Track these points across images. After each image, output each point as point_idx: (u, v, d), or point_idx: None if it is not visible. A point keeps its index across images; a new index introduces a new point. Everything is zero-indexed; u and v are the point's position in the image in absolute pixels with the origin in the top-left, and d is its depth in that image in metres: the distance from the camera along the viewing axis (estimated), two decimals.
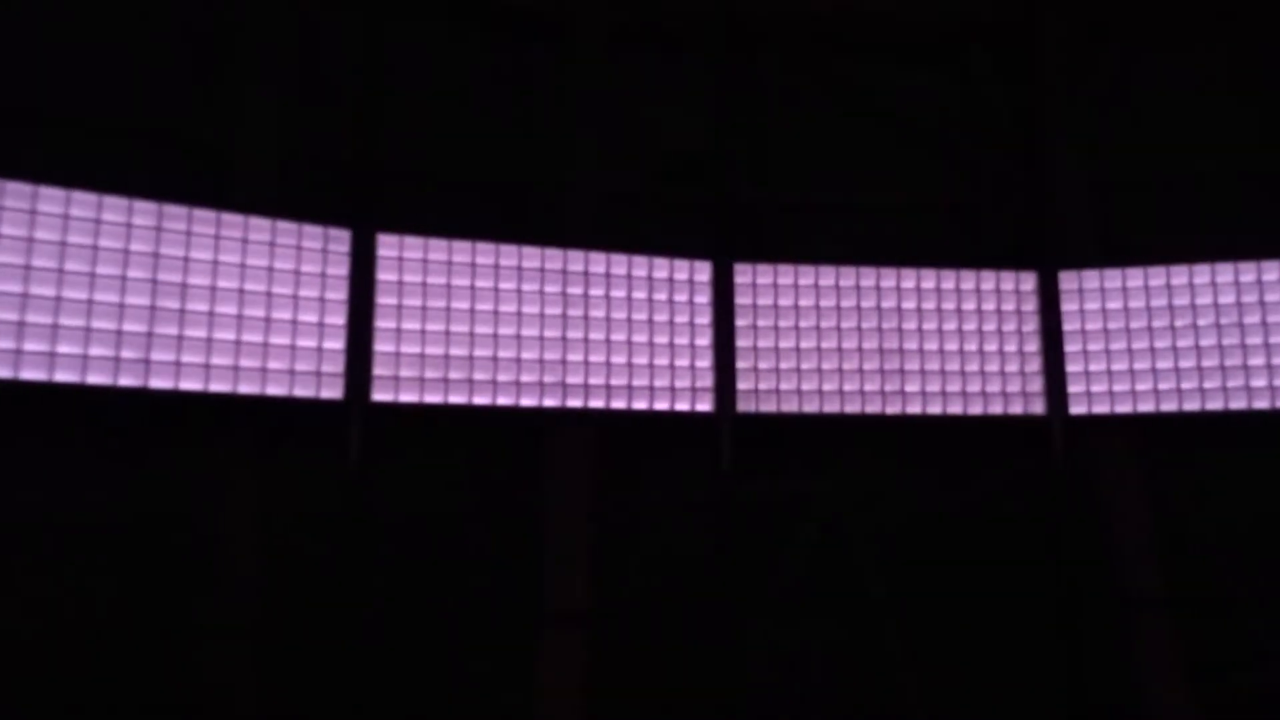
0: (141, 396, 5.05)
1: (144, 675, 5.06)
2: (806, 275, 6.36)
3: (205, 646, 5.19)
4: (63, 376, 4.89)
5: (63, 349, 4.91)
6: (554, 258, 5.98)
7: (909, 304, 6.42)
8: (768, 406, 6.21)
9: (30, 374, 4.83)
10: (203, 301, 5.22)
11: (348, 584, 5.41)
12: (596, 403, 5.97)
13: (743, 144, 6.60)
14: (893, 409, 6.31)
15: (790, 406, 6.23)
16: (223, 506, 5.36)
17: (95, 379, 4.95)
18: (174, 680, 5.09)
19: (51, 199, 4.95)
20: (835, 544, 6.26)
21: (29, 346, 4.84)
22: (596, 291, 6.05)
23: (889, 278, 6.42)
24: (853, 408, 6.28)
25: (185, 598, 5.15)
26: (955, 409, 6.38)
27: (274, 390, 5.35)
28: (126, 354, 5.04)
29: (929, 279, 6.45)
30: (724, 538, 6.09)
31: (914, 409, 6.34)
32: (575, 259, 6.02)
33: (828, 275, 6.39)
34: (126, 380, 5.03)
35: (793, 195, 6.57)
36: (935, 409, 6.36)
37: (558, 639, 5.84)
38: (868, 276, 6.40)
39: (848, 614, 6.20)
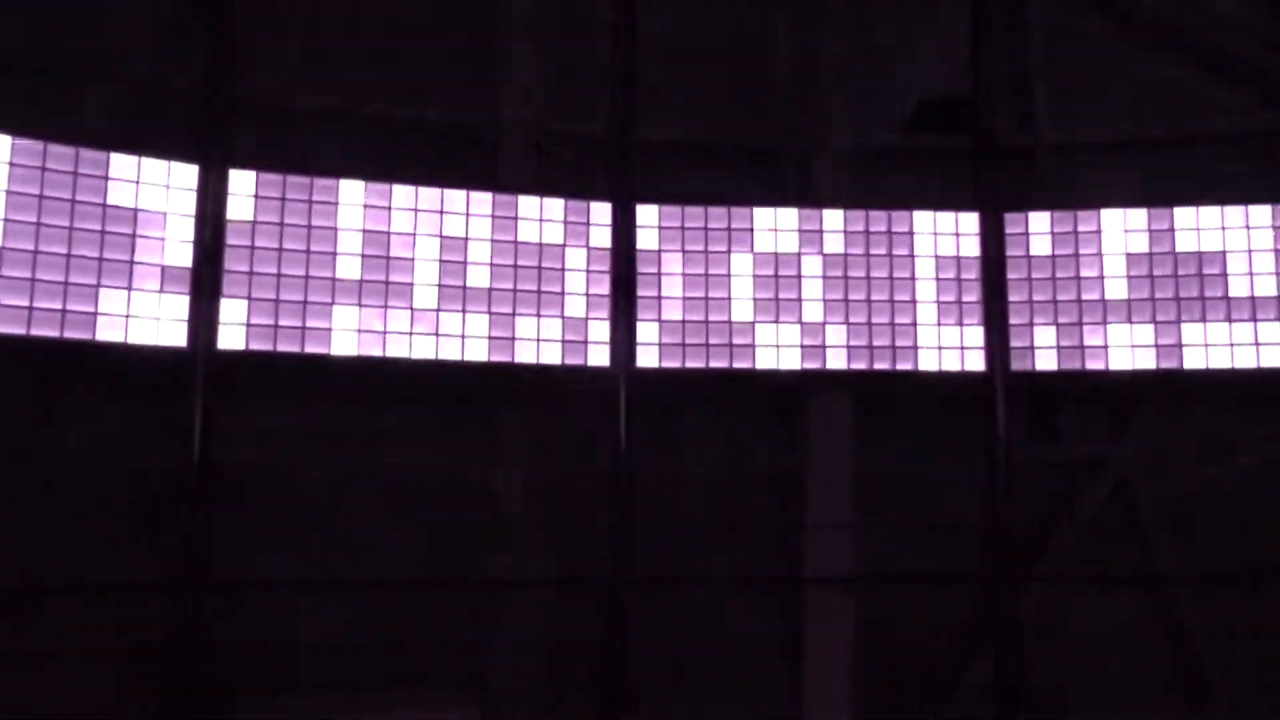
0: (438, 367, 5.55)
1: (444, 623, 5.60)
2: (1087, 221, 5.90)
3: (503, 598, 5.68)
4: (360, 350, 5.44)
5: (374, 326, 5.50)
6: (810, 218, 5.92)
7: (1211, 246, 5.79)
8: (1045, 365, 5.84)
9: (340, 349, 5.44)
10: (484, 278, 5.65)
11: (617, 544, 5.68)
12: (859, 364, 5.87)
13: (1005, 84, 6.19)
14: (1193, 363, 5.73)
15: (1072, 364, 5.82)
16: (512, 470, 5.81)
17: (392, 352, 5.51)
18: (472, 630, 5.61)
19: (351, 189, 5.53)
20: (1122, 512, 5.81)
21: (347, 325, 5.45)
22: (856, 250, 5.94)
23: (1186, 218, 5.81)
24: (1145, 363, 5.77)
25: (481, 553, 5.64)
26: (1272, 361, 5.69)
27: (548, 359, 5.70)
28: (419, 329, 5.56)
29: (1235, 216, 5.78)
30: (997, 506, 5.81)
31: (1221, 362, 5.72)
32: (833, 218, 5.93)
33: (1113, 219, 5.88)
34: (420, 354, 5.56)
35: (1065, 135, 6.10)
36: (1248, 362, 5.71)
37: (824, 603, 5.85)
38: (1160, 219, 5.84)
39: (1136, 587, 5.75)
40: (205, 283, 5.23)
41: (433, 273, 5.56)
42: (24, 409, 5.05)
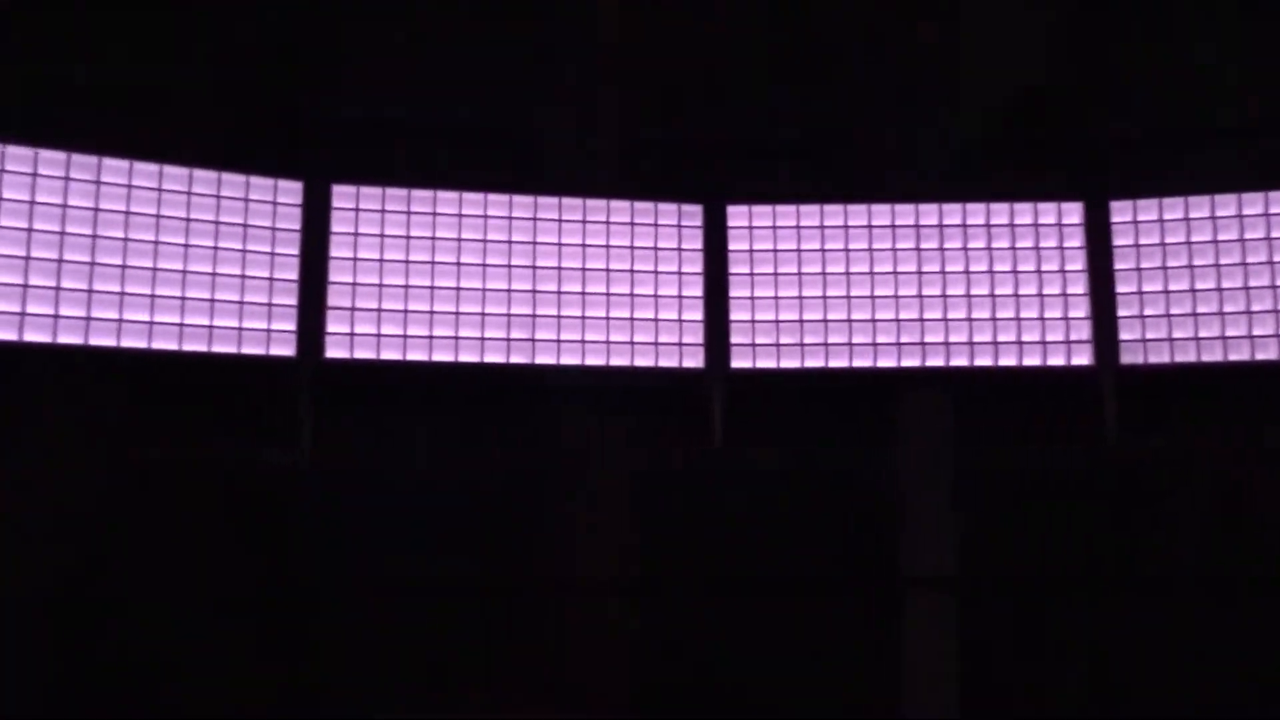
0: (533, 370, 5.64)
1: (528, 625, 5.67)
2: (1199, 206, 5.65)
3: (589, 600, 5.72)
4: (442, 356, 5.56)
5: (465, 332, 5.63)
6: (905, 213, 5.82)
7: None
8: (1157, 357, 5.61)
9: (415, 355, 5.58)
10: (573, 282, 5.72)
11: (710, 542, 5.65)
12: (959, 360, 5.74)
13: (1101, 72, 5.96)
14: None
15: (1186, 356, 5.58)
16: (595, 470, 5.83)
17: (491, 358, 5.62)
18: (560, 632, 5.66)
19: (422, 200, 5.65)
20: (1230, 512, 5.54)
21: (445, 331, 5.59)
22: (953, 244, 5.81)
23: None
24: (1267, 354, 5.50)
25: (566, 555, 5.69)
26: None
27: (640, 361, 5.73)
28: (516, 334, 5.66)
29: None
30: (1104, 504, 5.59)
31: None
32: (928, 212, 5.82)
33: (1226, 206, 5.63)
34: (516, 357, 5.65)
35: (1170, 121, 5.84)
36: None
37: (925, 605, 5.73)
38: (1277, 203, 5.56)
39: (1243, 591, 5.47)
40: (311, 294, 5.43)
41: (527, 278, 5.66)
42: (141, 418, 5.30)
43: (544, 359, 5.62)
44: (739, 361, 5.75)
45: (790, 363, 5.77)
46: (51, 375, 5.14)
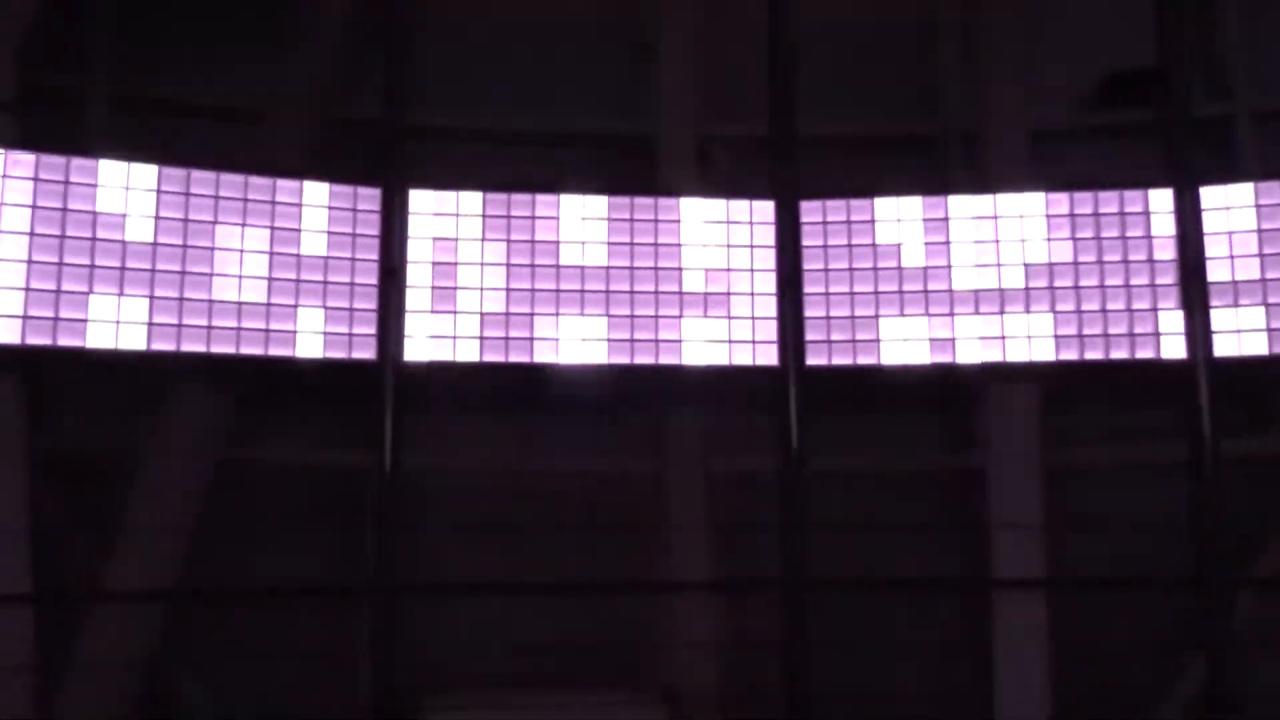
0: (608, 371, 5.65)
1: (623, 625, 5.70)
2: None
3: (678, 600, 5.73)
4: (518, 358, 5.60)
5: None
6: (983, 204, 5.68)
7: None
8: (1254, 349, 5.36)
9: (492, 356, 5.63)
10: (645, 282, 5.73)
11: (790, 546, 5.61)
12: (1043, 354, 5.58)
13: (1196, 51, 5.73)
14: None
15: None
16: (683, 472, 5.86)
17: (566, 359, 5.67)
18: (650, 632, 5.68)
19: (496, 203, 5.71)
20: None
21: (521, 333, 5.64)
22: (1034, 234, 5.65)
23: None
24: None
25: (646, 555, 5.71)
26: None
27: (715, 360, 5.72)
28: (590, 334, 5.70)
29: None
30: (1204, 503, 5.37)
31: None
32: (1007, 202, 5.67)
33: None
34: (590, 358, 5.68)
35: (1265, 103, 5.58)
36: None
37: (1015, 607, 5.59)
38: None
39: None
40: (392, 297, 5.55)
41: (600, 279, 5.69)
42: (230, 423, 5.51)
43: (617, 359, 5.65)
44: (815, 359, 5.69)
45: (867, 359, 5.69)
46: (172, 382, 5.37)
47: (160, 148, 5.37)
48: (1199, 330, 5.40)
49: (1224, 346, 5.38)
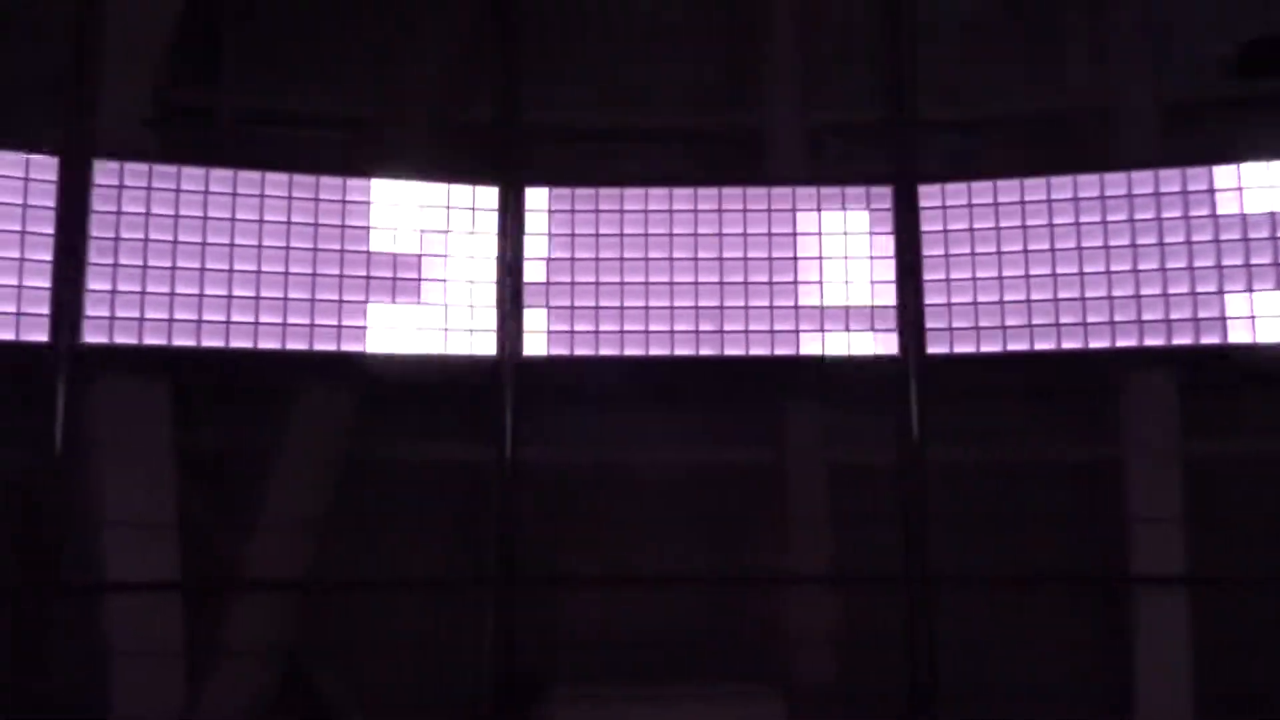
0: (724, 362, 5.64)
1: (742, 618, 5.66)
2: None
3: (798, 593, 5.67)
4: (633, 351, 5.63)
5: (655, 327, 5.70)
6: (1115, 182, 5.41)
7: None
8: None
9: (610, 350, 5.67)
10: (759, 272, 5.68)
11: (910, 539, 5.47)
12: (1182, 339, 5.29)
13: None
14: None
15: None
16: (801, 463, 5.78)
17: (681, 350, 5.67)
18: (770, 625, 5.63)
19: (633, 198, 5.76)
20: None
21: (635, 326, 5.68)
22: (1172, 214, 5.36)
23: None
24: None
25: (762, 547, 5.66)
26: None
27: (832, 350, 5.62)
28: (704, 326, 5.68)
29: None
30: None
31: None
32: (1141, 180, 5.39)
33: None
34: (706, 350, 5.67)
35: None
36: None
37: (1156, 604, 5.31)
38: None
39: None
40: (509, 294, 5.65)
41: (714, 271, 5.67)
42: (356, 421, 5.70)
43: (733, 351, 5.61)
44: (936, 347, 5.54)
45: (991, 347, 5.50)
46: (306, 380, 5.60)
47: (288, 157, 5.60)
48: None
49: None
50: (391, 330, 5.54)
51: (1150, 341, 5.31)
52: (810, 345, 5.59)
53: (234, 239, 5.43)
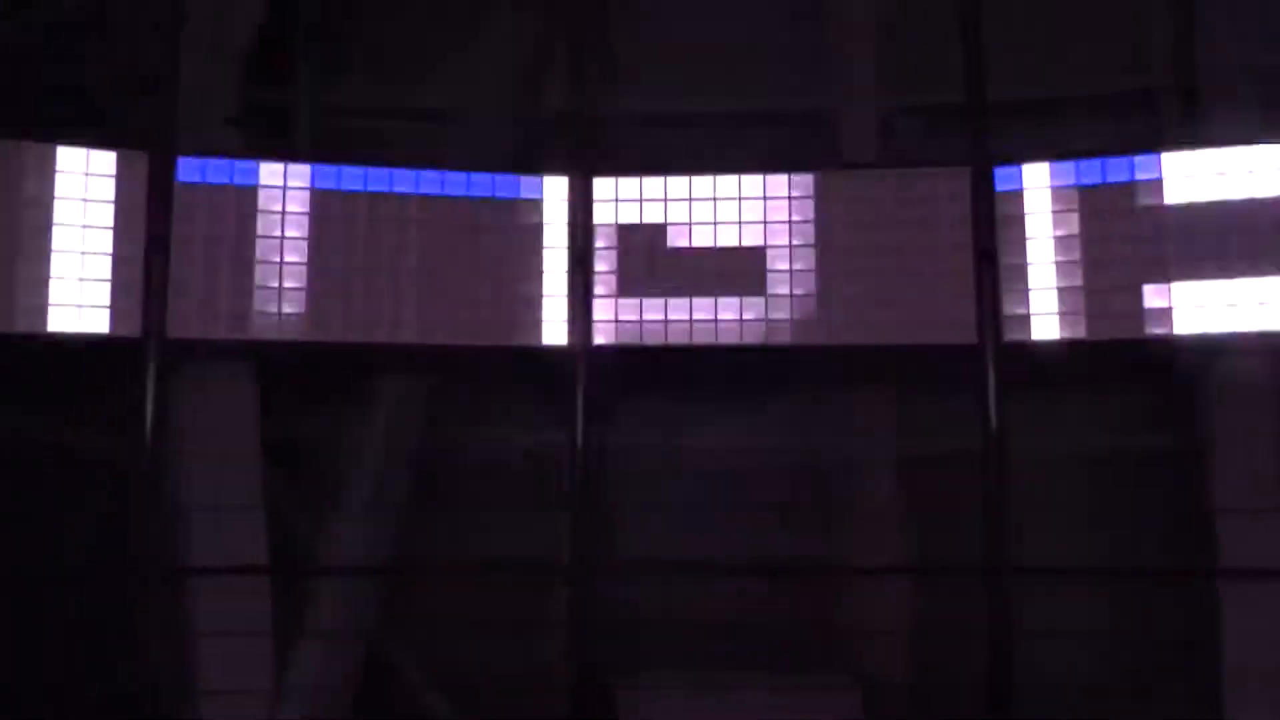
0: (809, 351, 5.58)
1: (818, 609, 5.63)
2: None
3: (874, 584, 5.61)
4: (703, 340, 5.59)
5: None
6: (1204, 160, 5.18)
7: None
8: None
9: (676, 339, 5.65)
10: (833, 259, 5.60)
11: (991, 531, 5.36)
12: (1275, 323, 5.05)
13: None
14: None
15: None
16: (878, 453, 5.71)
17: (749, 339, 5.62)
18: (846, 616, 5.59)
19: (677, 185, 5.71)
20: None
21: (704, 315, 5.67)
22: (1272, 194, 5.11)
23: None
24: None
25: (831, 535, 5.61)
26: None
27: (902, 338, 5.51)
28: (774, 315, 5.64)
29: None
30: None
31: None
32: (1234, 156, 5.15)
33: None
34: (775, 339, 5.61)
35: None
36: None
37: (1247, 599, 5.12)
38: None
39: None
40: (579, 283, 5.68)
41: (783, 258, 5.61)
42: (432, 410, 5.81)
43: (806, 338, 5.55)
44: (1014, 334, 5.39)
45: (1073, 333, 5.33)
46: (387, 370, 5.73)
47: (367, 150, 5.73)
48: None
49: None
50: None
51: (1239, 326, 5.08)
52: (885, 334, 5.49)
53: (315, 232, 5.56)
